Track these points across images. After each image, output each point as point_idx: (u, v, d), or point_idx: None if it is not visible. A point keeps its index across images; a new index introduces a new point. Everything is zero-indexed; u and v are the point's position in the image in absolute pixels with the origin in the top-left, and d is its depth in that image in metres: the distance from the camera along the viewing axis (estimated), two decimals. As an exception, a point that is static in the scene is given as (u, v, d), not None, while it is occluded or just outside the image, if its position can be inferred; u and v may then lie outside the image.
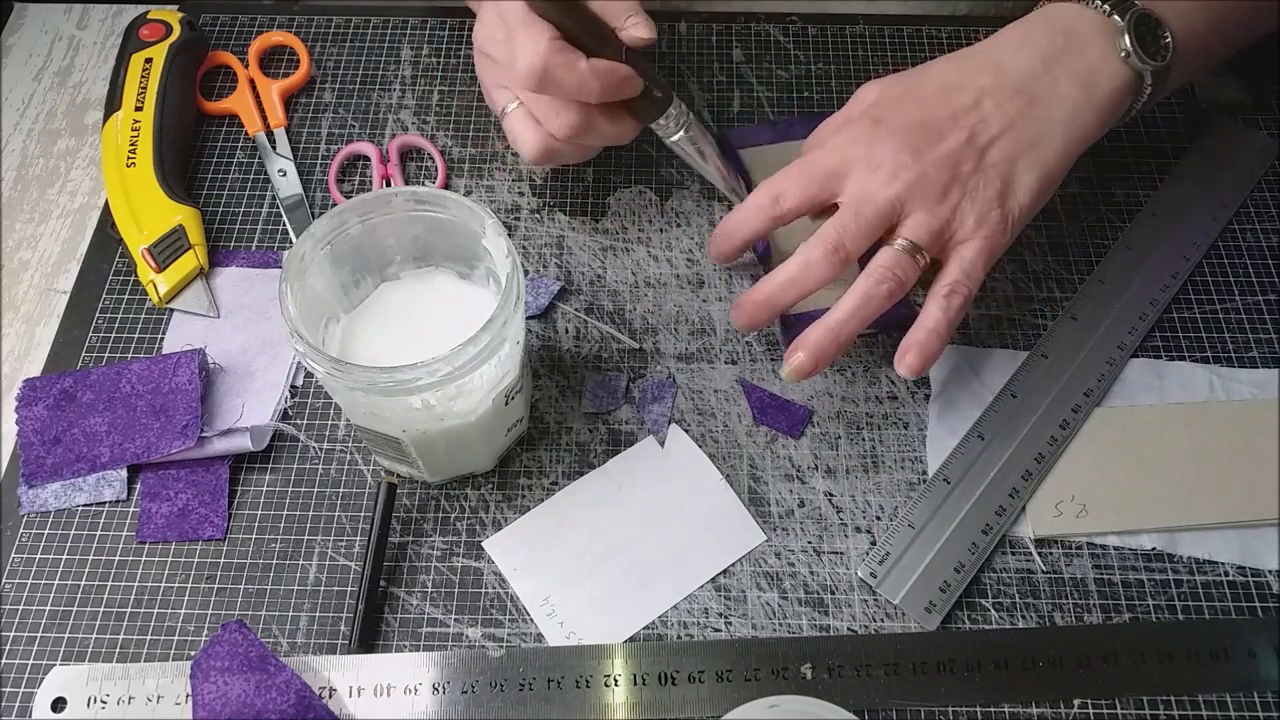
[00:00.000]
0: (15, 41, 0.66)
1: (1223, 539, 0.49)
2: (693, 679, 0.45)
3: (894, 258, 0.48)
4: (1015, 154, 0.48)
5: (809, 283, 0.48)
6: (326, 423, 0.52)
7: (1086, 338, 0.54)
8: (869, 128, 0.49)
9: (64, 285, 0.56)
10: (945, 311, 0.48)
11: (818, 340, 0.48)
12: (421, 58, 0.65)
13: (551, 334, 0.55)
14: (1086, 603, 0.48)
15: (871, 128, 0.49)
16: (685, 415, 0.52)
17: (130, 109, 0.58)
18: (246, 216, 0.59)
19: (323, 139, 0.62)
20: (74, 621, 0.47)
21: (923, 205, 0.48)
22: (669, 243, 0.58)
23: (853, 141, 0.49)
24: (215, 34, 0.65)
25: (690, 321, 0.55)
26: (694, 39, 0.66)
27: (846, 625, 0.47)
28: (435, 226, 0.46)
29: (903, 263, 0.48)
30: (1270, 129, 0.62)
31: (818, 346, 0.48)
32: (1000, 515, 0.49)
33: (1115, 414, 0.52)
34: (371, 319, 0.48)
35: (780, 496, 0.50)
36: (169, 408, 0.50)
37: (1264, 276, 0.57)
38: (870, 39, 0.65)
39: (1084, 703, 0.45)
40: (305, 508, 0.50)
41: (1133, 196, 0.59)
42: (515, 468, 0.51)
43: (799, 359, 0.48)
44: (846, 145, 0.49)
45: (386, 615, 0.47)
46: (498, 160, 0.61)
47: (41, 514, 0.49)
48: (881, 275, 0.47)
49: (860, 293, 0.48)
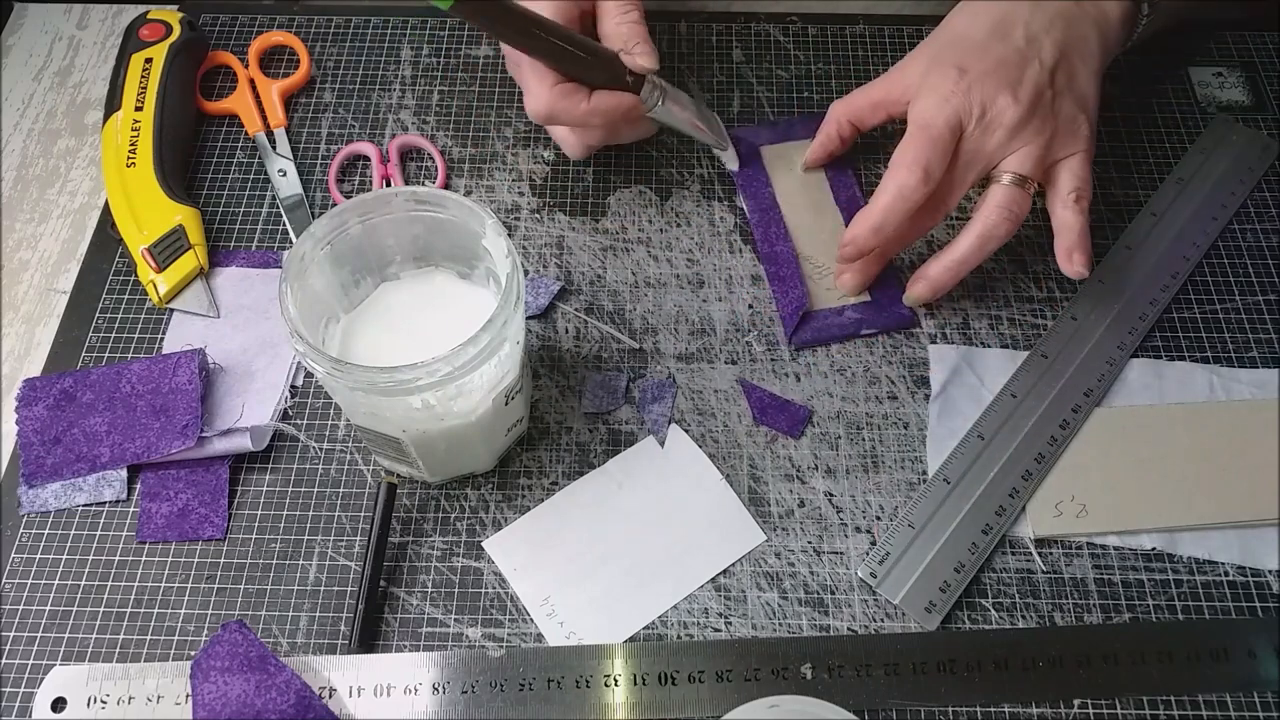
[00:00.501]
0: (15, 41, 0.66)
1: (1223, 539, 0.49)
2: (693, 679, 0.45)
3: (1008, 195, 0.51)
4: (1074, 69, 0.52)
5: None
6: (326, 423, 0.52)
7: (1086, 338, 0.54)
8: (958, 78, 0.51)
9: (64, 285, 0.56)
10: (1080, 214, 0.51)
11: (938, 274, 0.52)
12: (421, 58, 0.65)
13: (551, 334, 0.55)
14: (1086, 603, 0.48)
15: (961, 77, 0.51)
16: (685, 415, 0.52)
17: (130, 109, 0.58)
18: (246, 216, 0.59)
19: (323, 139, 0.62)
20: (74, 621, 0.47)
21: (1024, 139, 0.51)
22: (669, 243, 0.58)
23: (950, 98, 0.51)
24: (215, 34, 0.65)
25: (690, 321, 0.55)
26: (694, 39, 0.66)
27: (846, 625, 0.47)
28: (435, 226, 0.46)
29: (1016, 197, 0.51)
30: (1270, 129, 0.62)
31: (937, 280, 0.53)
32: (1000, 515, 0.49)
33: (1115, 414, 0.52)
34: (371, 319, 0.48)
35: (780, 496, 0.50)
36: (169, 408, 0.50)
37: (1264, 276, 0.57)
38: (870, 39, 0.65)
39: (1084, 703, 0.45)
40: (305, 508, 0.50)
41: (1133, 196, 0.59)
42: (515, 468, 0.51)
43: (919, 289, 0.53)
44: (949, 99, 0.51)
45: (386, 615, 0.47)
46: (498, 160, 0.61)
47: (41, 514, 0.49)
48: (1000, 214, 0.51)
49: (979, 233, 0.51)
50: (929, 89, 0.51)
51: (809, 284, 0.55)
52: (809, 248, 0.57)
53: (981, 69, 0.51)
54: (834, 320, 0.54)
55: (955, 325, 0.55)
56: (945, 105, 0.50)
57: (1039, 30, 0.52)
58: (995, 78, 0.50)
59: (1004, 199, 0.51)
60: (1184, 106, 0.63)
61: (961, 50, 0.52)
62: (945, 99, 0.50)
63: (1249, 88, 0.63)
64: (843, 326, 0.54)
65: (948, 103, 0.50)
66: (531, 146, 0.61)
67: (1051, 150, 0.51)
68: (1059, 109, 0.51)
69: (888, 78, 0.55)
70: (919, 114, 0.51)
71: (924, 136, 0.50)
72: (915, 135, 0.50)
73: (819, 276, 0.56)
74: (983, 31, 0.52)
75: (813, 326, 0.54)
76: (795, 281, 0.55)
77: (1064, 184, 0.52)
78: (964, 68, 0.51)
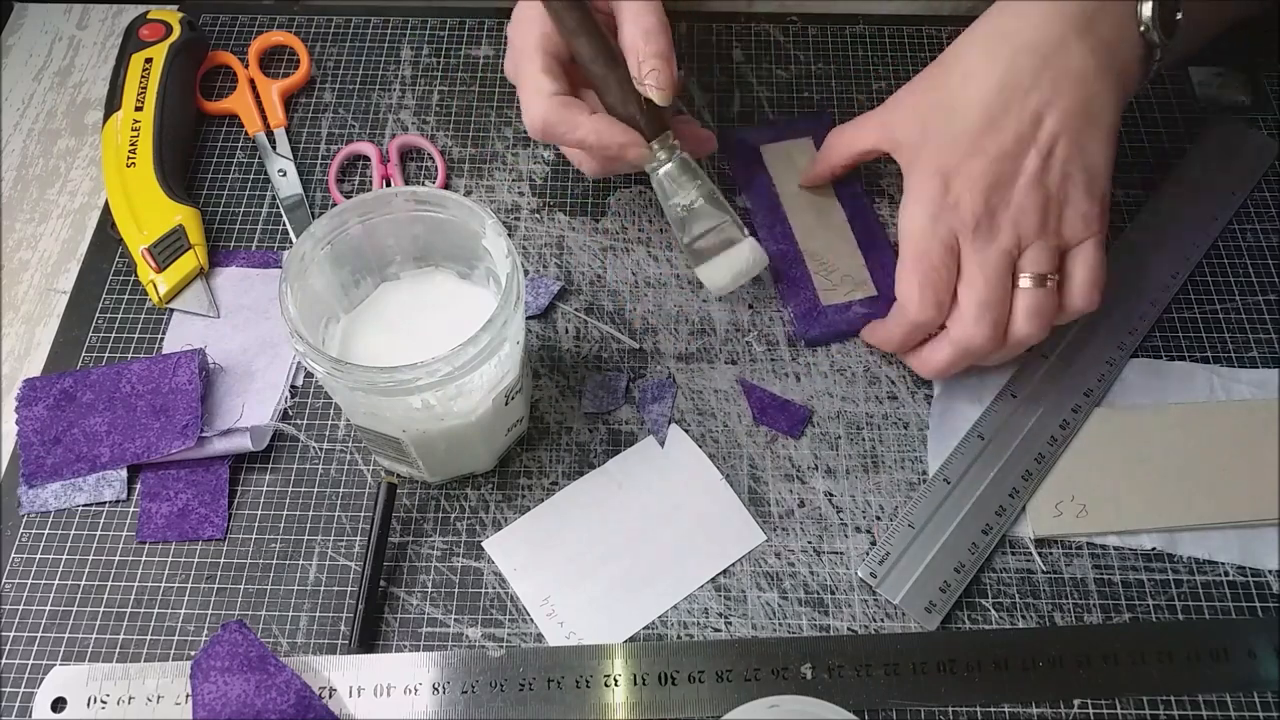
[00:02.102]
0: (15, 41, 0.66)
1: (1223, 539, 0.49)
2: (693, 679, 0.45)
3: (1031, 300, 0.48)
4: (1082, 142, 0.48)
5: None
6: (326, 423, 0.52)
7: (1086, 338, 0.54)
8: (943, 191, 0.48)
9: (64, 285, 0.56)
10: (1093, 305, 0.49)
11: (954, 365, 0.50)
12: (421, 58, 0.65)
13: (551, 334, 0.55)
14: (1086, 603, 0.48)
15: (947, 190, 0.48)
16: (685, 415, 0.52)
17: (130, 109, 0.58)
18: (246, 216, 0.59)
19: (323, 139, 0.62)
20: (74, 621, 0.47)
21: (1030, 237, 0.48)
22: (669, 243, 0.58)
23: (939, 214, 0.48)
24: (215, 34, 0.65)
25: (690, 321, 0.55)
26: (694, 39, 0.66)
27: (846, 625, 0.47)
28: (435, 226, 0.46)
29: (1040, 300, 0.48)
30: (1270, 129, 0.62)
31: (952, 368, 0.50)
32: (1000, 515, 0.49)
33: (1115, 414, 0.52)
34: (371, 319, 0.48)
35: (780, 496, 0.50)
36: (169, 408, 0.50)
37: (1264, 276, 0.57)
38: (870, 39, 0.65)
39: (1084, 703, 0.45)
40: (305, 508, 0.50)
41: (1133, 196, 0.59)
42: (515, 468, 0.51)
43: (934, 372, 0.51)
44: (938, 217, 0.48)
45: (386, 615, 0.47)
46: (498, 160, 0.61)
47: (41, 514, 0.49)
48: (1031, 325, 0.48)
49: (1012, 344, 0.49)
50: (915, 198, 0.49)
51: (815, 280, 0.55)
52: (814, 245, 0.57)
53: (970, 173, 0.47)
54: (842, 316, 0.54)
55: (955, 325, 0.55)
56: (937, 225, 0.48)
57: (1043, 101, 0.47)
58: (987, 180, 0.47)
59: (1030, 305, 0.48)
60: (1184, 106, 0.63)
61: (951, 140, 0.48)
62: (934, 218, 0.48)
63: (1249, 88, 0.63)
64: (851, 322, 0.54)
65: (938, 221, 0.48)
66: (531, 146, 0.61)
67: (1062, 240, 0.48)
68: (1065, 197, 0.48)
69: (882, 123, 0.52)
70: (910, 232, 0.49)
71: (924, 265, 0.48)
72: (913, 262, 0.48)
73: (824, 274, 0.56)
74: (978, 110, 0.48)
75: (822, 323, 0.54)
76: (804, 282, 0.55)
77: (1077, 275, 0.49)
78: (950, 174, 0.48)
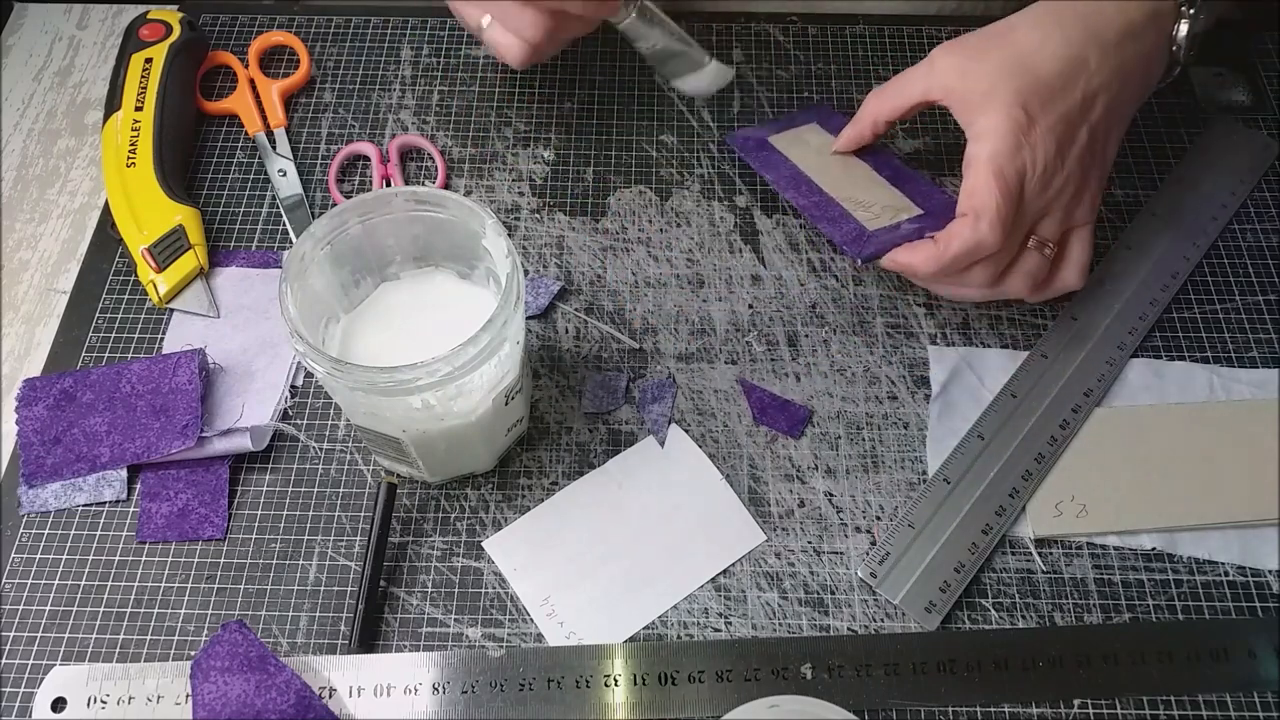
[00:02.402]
0: (15, 41, 0.66)
1: (1223, 539, 0.49)
2: (693, 679, 0.45)
3: (1032, 262, 0.50)
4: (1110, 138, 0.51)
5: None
6: (326, 423, 0.52)
7: (1086, 338, 0.54)
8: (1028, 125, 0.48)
9: (64, 285, 0.56)
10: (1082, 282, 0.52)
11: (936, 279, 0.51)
12: (421, 58, 0.65)
13: (551, 334, 0.55)
14: (1086, 603, 0.48)
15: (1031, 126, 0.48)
16: (685, 415, 0.52)
17: (130, 109, 0.58)
18: (246, 216, 0.59)
19: (323, 139, 0.62)
20: (74, 621, 0.47)
21: (1057, 204, 0.50)
22: (669, 243, 0.58)
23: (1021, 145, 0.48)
24: (215, 34, 0.65)
25: (690, 321, 0.55)
26: (693, 39, 0.65)
27: (846, 625, 0.47)
28: (435, 226, 0.46)
29: (1041, 266, 0.51)
30: (1270, 129, 0.62)
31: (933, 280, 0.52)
32: (1000, 515, 0.49)
33: (1115, 414, 0.52)
34: (371, 319, 0.48)
35: (780, 496, 0.50)
36: (169, 408, 0.50)
37: (1264, 276, 0.57)
38: (870, 39, 0.65)
39: (1084, 703, 0.45)
40: (305, 508, 0.50)
41: (1133, 196, 0.59)
42: (515, 468, 0.51)
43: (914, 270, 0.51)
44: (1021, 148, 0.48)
45: (386, 615, 0.47)
46: (498, 160, 0.61)
47: (41, 514, 0.49)
48: (1023, 281, 0.50)
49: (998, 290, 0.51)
50: (998, 126, 0.48)
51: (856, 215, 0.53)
52: (846, 192, 0.55)
53: (1047, 122, 0.48)
54: (892, 235, 0.52)
55: (955, 325, 0.55)
56: (1018, 154, 0.48)
57: (1099, 87, 0.49)
58: (1055, 135, 0.48)
59: (1030, 267, 0.50)
60: (1184, 106, 0.63)
61: (1030, 86, 0.48)
62: (1018, 147, 0.48)
63: (1249, 88, 0.63)
64: (904, 236, 0.52)
65: (1019, 152, 0.48)
66: (531, 146, 0.61)
67: (1072, 219, 0.50)
68: (1088, 180, 0.50)
69: (929, 75, 0.51)
70: (993, 154, 0.48)
71: (1002, 188, 0.47)
72: (992, 184, 0.47)
73: (863, 209, 0.54)
74: (1053, 70, 0.48)
75: (875, 242, 0.51)
76: (846, 219, 0.53)
77: (1074, 254, 0.51)
78: (1033, 114, 0.48)
